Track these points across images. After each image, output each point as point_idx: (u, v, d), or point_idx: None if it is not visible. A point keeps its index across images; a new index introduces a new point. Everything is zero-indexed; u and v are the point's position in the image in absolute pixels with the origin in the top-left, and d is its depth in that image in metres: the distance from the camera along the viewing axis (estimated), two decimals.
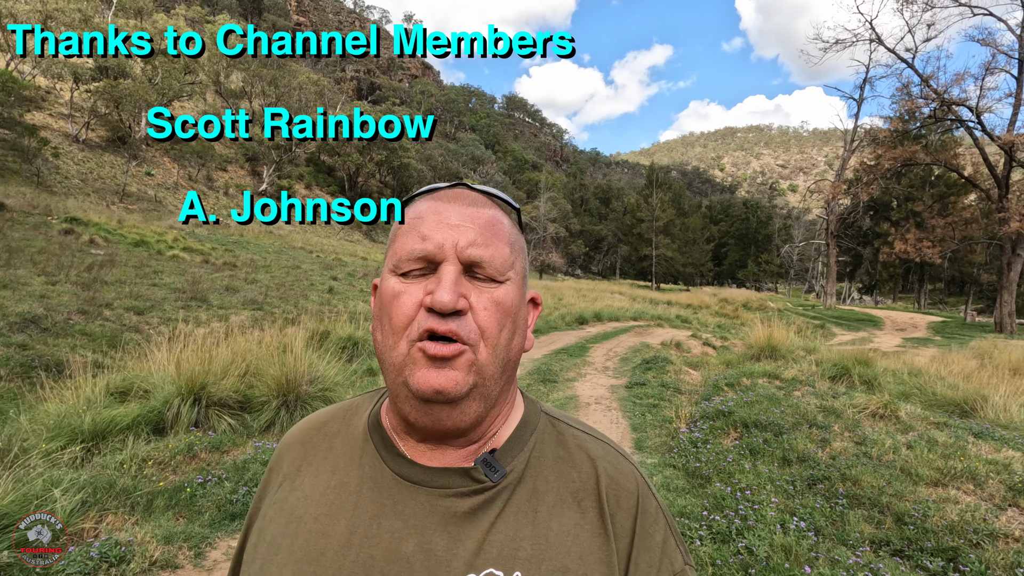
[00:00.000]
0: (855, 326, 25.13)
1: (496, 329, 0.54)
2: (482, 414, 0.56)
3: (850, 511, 2.77)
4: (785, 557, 2.36)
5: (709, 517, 2.83)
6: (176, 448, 3.18)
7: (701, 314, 22.72)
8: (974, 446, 3.38)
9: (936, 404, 5.62)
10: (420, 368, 0.52)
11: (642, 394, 6.21)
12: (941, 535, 2.44)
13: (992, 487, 2.81)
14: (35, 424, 3.47)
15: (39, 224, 17.49)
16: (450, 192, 0.59)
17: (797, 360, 6.73)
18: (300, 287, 15.31)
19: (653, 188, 59.19)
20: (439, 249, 0.53)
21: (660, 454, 4.20)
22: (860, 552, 2.39)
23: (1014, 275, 21.25)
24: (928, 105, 20.87)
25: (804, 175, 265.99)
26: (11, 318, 6.59)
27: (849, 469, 3.13)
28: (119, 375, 4.20)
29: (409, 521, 0.55)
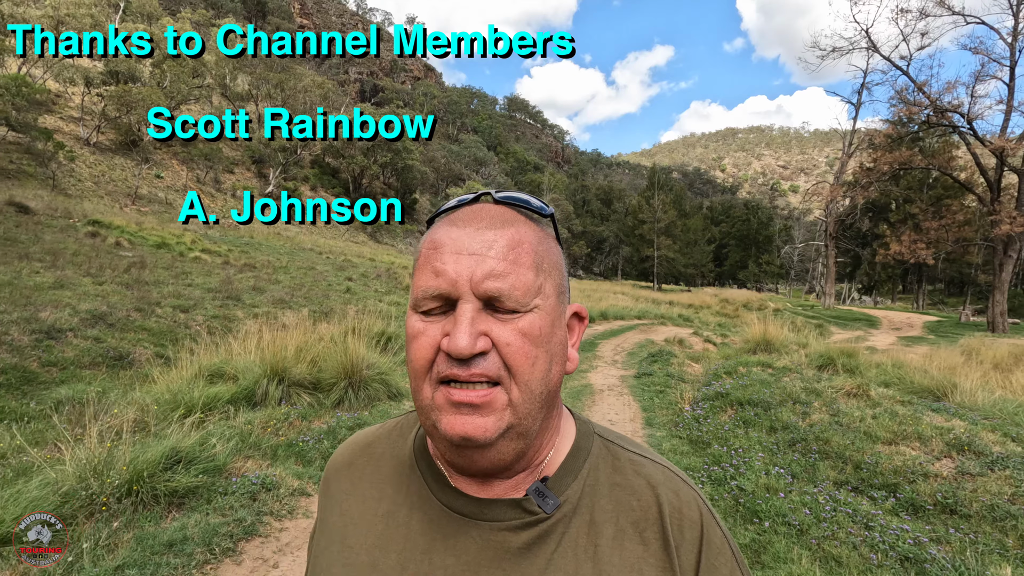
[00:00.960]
0: (852, 325, 25.83)
1: (527, 364, 0.50)
2: (522, 450, 0.53)
3: (820, 462, 3.50)
4: (766, 491, 3.09)
5: (709, 469, 3.57)
6: (277, 416, 3.92)
7: (702, 314, 23.46)
8: (928, 417, 4.12)
9: (913, 390, 6.34)
10: (447, 414, 0.49)
11: (649, 382, 6.94)
12: (887, 476, 3.18)
13: (934, 444, 3.53)
14: (153, 398, 4.21)
15: (66, 227, 18.22)
16: (469, 211, 0.55)
17: (789, 352, 7.47)
18: (320, 287, 16.05)
19: (654, 190, 59.92)
20: (453, 286, 0.50)
21: (667, 429, 4.93)
22: (823, 487, 3.13)
23: (1006, 276, 21.95)
24: (922, 112, 21.60)
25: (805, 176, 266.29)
26: (82, 315, 7.34)
27: (822, 433, 3.87)
28: (207, 361, 4.94)
29: (462, 558, 0.52)
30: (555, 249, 0.57)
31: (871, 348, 14.48)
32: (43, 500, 2.29)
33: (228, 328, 8.91)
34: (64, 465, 2.56)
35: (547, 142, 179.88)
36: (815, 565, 2.31)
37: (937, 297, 58.34)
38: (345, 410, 4.50)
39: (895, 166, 23.65)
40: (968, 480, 3.09)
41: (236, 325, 9.31)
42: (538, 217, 0.58)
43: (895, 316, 31.14)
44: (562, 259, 0.58)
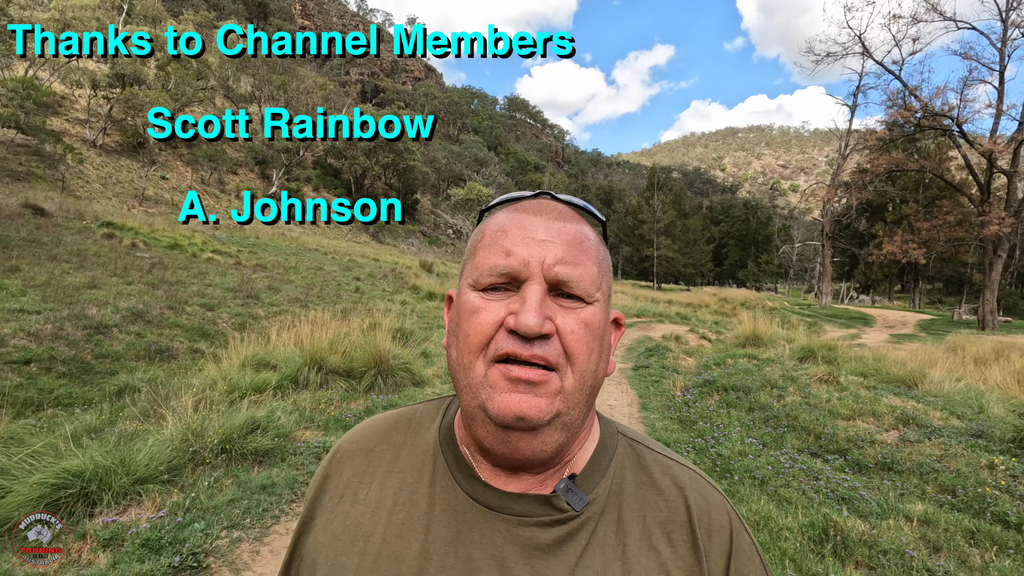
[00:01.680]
0: (847, 323, 26.44)
1: (586, 353, 0.50)
2: (563, 443, 0.52)
3: (788, 434, 4.12)
4: (739, 456, 3.70)
5: (693, 441, 4.18)
6: (321, 398, 4.54)
7: (700, 312, 24.04)
8: (887, 399, 4.73)
9: (887, 380, 6.95)
10: (500, 392, 0.48)
11: (646, 374, 7.55)
12: (841, 443, 3.79)
13: (885, 420, 4.14)
14: (210, 383, 4.83)
15: (82, 229, 18.81)
16: (534, 203, 0.56)
17: (775, 346, 8.08)
18: (331, 287, 16.66)
19: (654, 190, 60.53)
20: (524, 266, 0.50)
21: (660, 412, 5.54)
22: (787, 452, 3.74)
23: (995, 275, 22.53)
24: (914, 115, 22.20)
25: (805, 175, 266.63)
26: (123, 312, 7.95)
27: (793, 412, 4.49)
28: (251, 352, 5.55)
29: (488, 551, 0.51)
30: (608, 254, 0.58)
31: (861, 345, 15.10)
32: (160, 453, 2.91)
33: (251, 325, 9.52)
34: (168, 430, 3.18)
35: (547, 142, 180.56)
36: (770, 503, 2.91)
37: (935, 296, 58.99)
38: (376, 394, 5.11)
39: (888, 168, 24.26)
40: (907, 446, 3.71)
41: (258, 323, 9.93)
42: (595, 221, 0.59)
43: (890, 315, 31.76)
44: (611, 266, 0.59)
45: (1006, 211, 21.48)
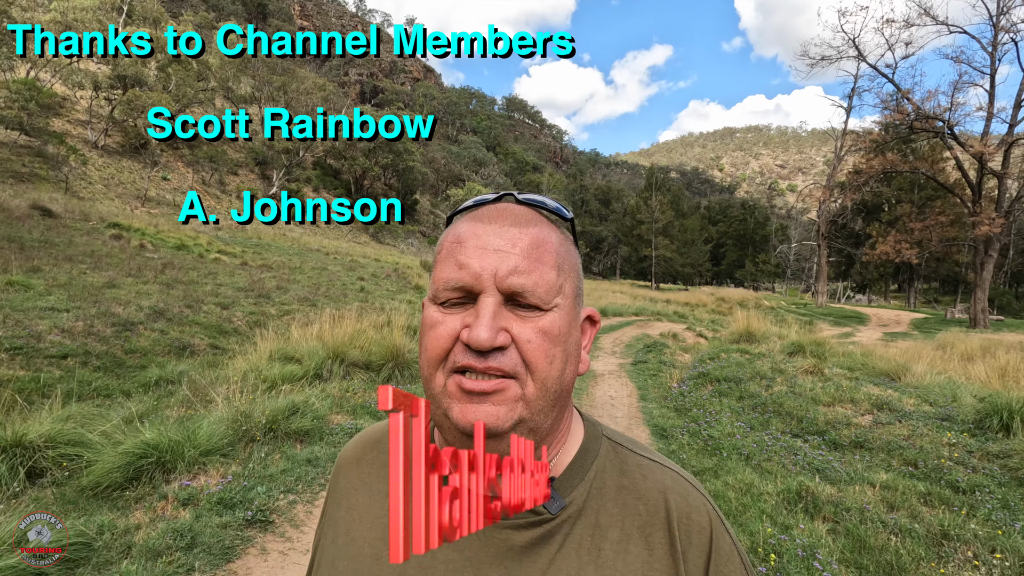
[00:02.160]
0: (842, 322, 26.89)
1: (545, 361, 0.51)
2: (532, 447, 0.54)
3: (773, 418, 4.53)
4: (728, 436, 4.11)
5: (688, 425, 4.59)
6: (347, 388, 4.94)
7: (697, 311, 24.48)
8: (866, 388, 5.14)
9: (873, 373, 7.37)
10: (458, 402, 0.50)
11: (644, 368, 7.96)
12: (820, 425, 4.21)
13: (863, 405, 4.56)
14: (236, 373, 5.21)
15: (90, 230, 19.13)
16: (493, 209, 0.56)
17: (768, 341, 8.50)
18: (336, 287, 17.04)
19: (652, 190, 60.96)
20: (476, 280, 0.50)
21: (658, 402, 5.95)
22: (771, 433, 4.15)
23: (986, 274, 22.99)
24: (907, 118, 22.66)
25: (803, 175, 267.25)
26: (146, 310, 8.34)
27: (779, 399, 4.90)
28: (275, 347, 5.94)
29: (464, 553, 0.53)
30: (574, 253, 0.58)
31: (854, 343, 15.54)
32: (217, 431, 3.30)
33: (265, 323, 9.90)
34: (220, 412, 3.58)
35: (546, 142, 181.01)
36: (753, 474, 3.31)
37: (931, 296, 59.55)
38: (395, 383, 5.51)
39: (878, 170, 24.72)
40: (879, 427, 4.11)
41: (271, 321, 10.30)
42: (558, 220, 0.59)
43: (884, 314, 32.23)
44: (579, 263, 0.59)
45: (996, 212, 21.95)
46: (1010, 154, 22.23)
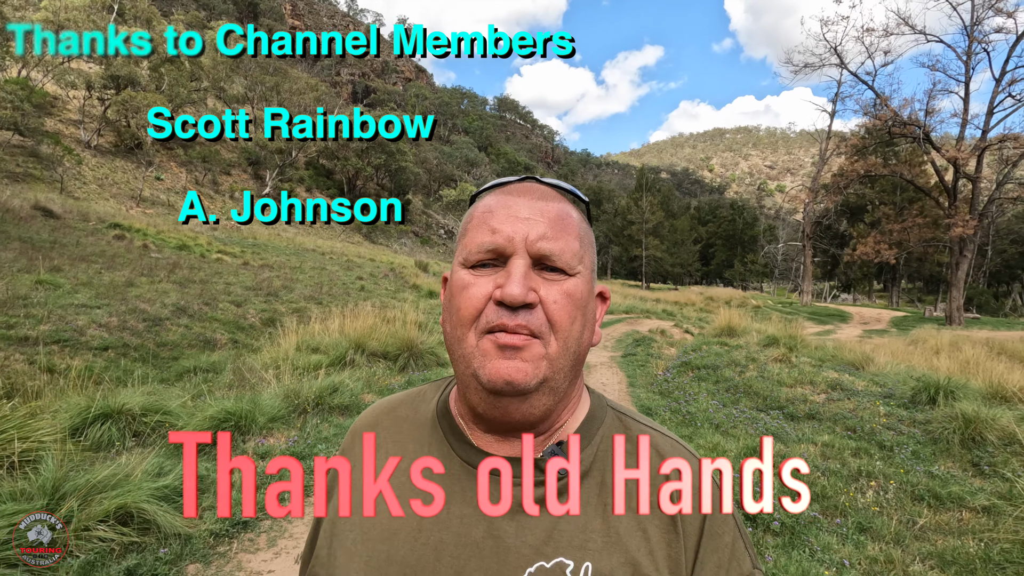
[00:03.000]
0: (824, 320, 27.84)
1: (568, 321, 0.54)
2: (551, 407, 0.57)
3: (743, 397, 5.25)
4: (703, 411, 4.82)
5: (670, 404, 5.29)
6: (371, 373, 5.60)
7: (686, 310, 25.28)
8: (825, 373, 5.88)
9: (841, 362, 8.13)
10: (491, 359, 0.53)
11: (633, 360, 8.67)
12: (781, 402, 4.93)
13: (820, 386, 5.29)
14: (265, 361, 5.84)
15: (93, 231, 19.51)
16: (519, 186, 0.60)
17: (747, 335, 9.24)
18: (338, 286, 17.62)
19: (643, 191, 61.86)
20: (509, 242, 0.54)
21: (645, 387, 6.65)
22: (739, 408, 4.87)
23: (961, 274, 23.99)
24: (885, 123, 23.60)
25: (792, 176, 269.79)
26: (169, 307, 8.92)
27: (750, 382, 5.62)
28: (298, 339, 6.57)
29: (477, 508, 0.56)
30: (591, 232, 0.63)
31: (834, 339, 16.38)
32: (275, 404, 3.95)
33: (277, 320, 10.49)
34: (273, 389, 4.23)
35: (537, 142, 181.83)
36: (720, 436, 4.02)
37: (915, 295, 60.98)
38: (412, 371, 6.18)
39: (858, 174, 25.67)
40: (831, 403, 4.84)
41: (282, 318, 10.90)
42: (577, 201, 0.64)
43: (867, 312, 33.27)
44: (595, 242, 0.64)
45: (970, 214, 22.93)
46: (983, 159, 23.24)
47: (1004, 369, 6.55)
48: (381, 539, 0.58)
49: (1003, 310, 42.89)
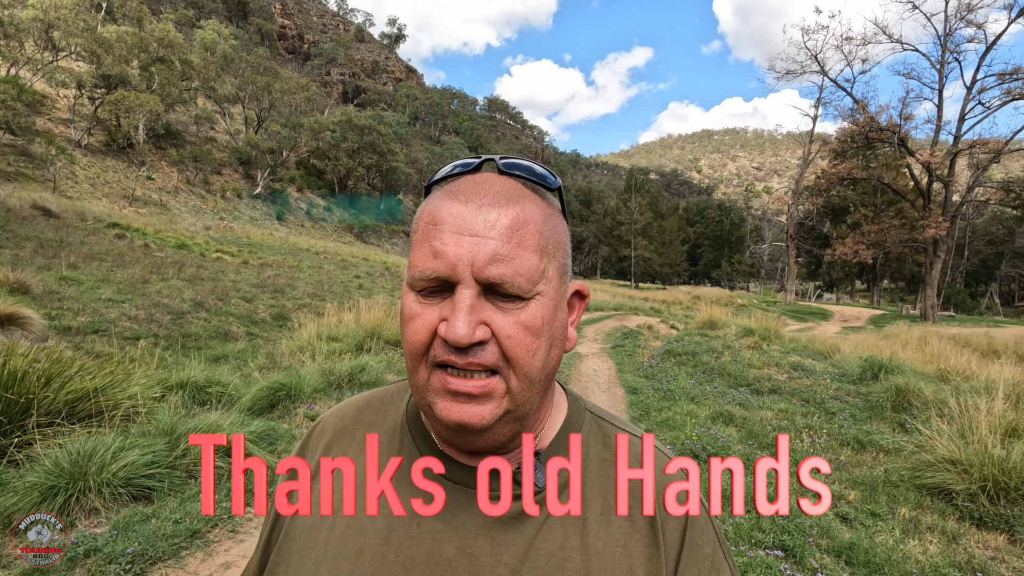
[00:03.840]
0: (806, 318, 28.86)
1: (527, 356, 0.50)
2: (518, 431, 0.54)
3: (717, 377, 5.99)
4: (682, 388, 5.55)
5: (654, 385, 6.01)
6: (389, 358, 6.27)
7: (672, 308, 26.16)
8: (790, 357, 6.64)
9: (810, 351, 8.92)
10: (442, 399, 0.49)
11: (621, 350, 9.39)
12: (749, 380, 5.67)
13: (783, 368, 6.04)
14: (291, 347, 6.48)
15: (95, 231, 19.89)
16: (471, 182, 0.53)
17: (726, 328, 10.02)
18: (337, 284, 18.20)
19: (632, 192, 62.83)
20: (452, 271, 0.48)
21: (632, 372, 7.37)
22: (713, 385, 5.61)
23: (935, 273, 25.07)
24: (863, 129, 24.63)
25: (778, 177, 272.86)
26: (188, 303, 9.50)
27: (723, 365, 6.36)
28: (316, 330, 7.21)
29: (450, 523, 0.53)
30: (560, 226, 0.56)
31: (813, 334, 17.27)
32: (315, 378, 4.61)
33: (286, 315, 11.08)
34: (309, 368, 4.89)
35: (527, 143, 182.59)
36: (694, 405, 4.75)
37: (897, 294, 62.55)
38: None
39: (837, 178, 26.70)
40: (791, 381, 5.60)
41: (291, 313, 11.49)
42: (543, 190, 0.56)
43: (847, 310, 34.38)
44: (567, 236, 0.57)
45: (943, 216, 24.00)
46: (955, 163, 24.32)
47: (954, 357, 7.38)
48: (346, 557, 0.54)
49: (979, 308, 44.35)
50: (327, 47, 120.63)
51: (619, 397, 5.68)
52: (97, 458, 2.47)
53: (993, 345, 13.24)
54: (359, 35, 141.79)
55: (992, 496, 2.62)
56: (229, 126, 59.18)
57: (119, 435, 2.72)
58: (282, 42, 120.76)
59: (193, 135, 55.75)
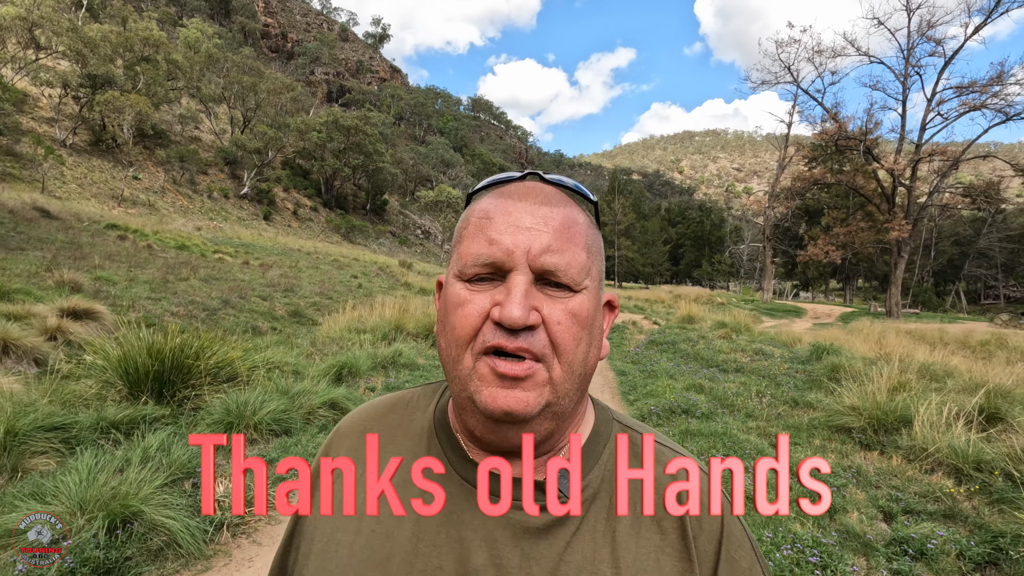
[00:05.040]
0: (781, 315, 30.42)
1: (572, 344, 0.50)
2: (554, 430, 0.53)
3: (692, 361, 7.16)
4: (662, 369, 6.69)
5: (639, 367, 7.15)
6: (418, 347, 7.31)
7: (655, 306, 27.51)
8: (754, 344, 7.82)
9: (776, 342, 10.14)
10: (488, 386, 0.49)
11: (610, 342, 10.51)
12: (718, 362, 6.84)
13: (747, 353, 7.21)
14: (324, 336, 7.46)
15: (98, 232, 20.44)
16: (521, 187, 0.55)
17: (703, 321, 11.23)
18: (338, 283, 19.08)
19: (615, 194, 64.25)
20: (508, 256, 0.50)
21: (621, 359, 8.50)
22: (688, 367, 6.77)
23: (899, 273, 26.73)
24: (832, 137, 26.20)
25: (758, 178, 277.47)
26: (215, 301, 10.39)
27: (697, 352, 7.52)
28: (344, 323, 8.20)
29: (479, 532, 0.53)
30: (599, 236, 0.58)
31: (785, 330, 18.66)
32: (363, 360, 5.63)
33: (300, 312, 11.99)
34: (358, 351, 5.92)
35: (511, 143, 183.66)
36: (670, 380, 5.87)
37: (871, 293, 64.95)
38: None
39: (812, 181, 28.26)
40: (753, 362, 6.77)
41: (305, 310, 12.40)
42: (585, 203, 0.58)
43: (820, 308, 36.11)
44: (603, 247, 0.59)
45: (906, 219, 25.64)
46: (917, 169, 25.99)
47: (900, 346, 8.66)
48: (373, 563, 0.53)
49: (943, 306, 46.59)
50: (311, 46, 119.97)
51: (611, 378, 6.77)
52: (250, 406, 3.50)
53: (944, 338, 14.63)
54: (343, 34, 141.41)
55: (875, 429, 3.78)
56: (214, 125, 59.00)
57: (253, 392, 3.75)
58: (265, 41, 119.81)
59: (178, 134, 55.45)
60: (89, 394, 3.40)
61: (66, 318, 6.13)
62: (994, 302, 52.22)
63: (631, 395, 5.62)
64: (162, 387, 3.43)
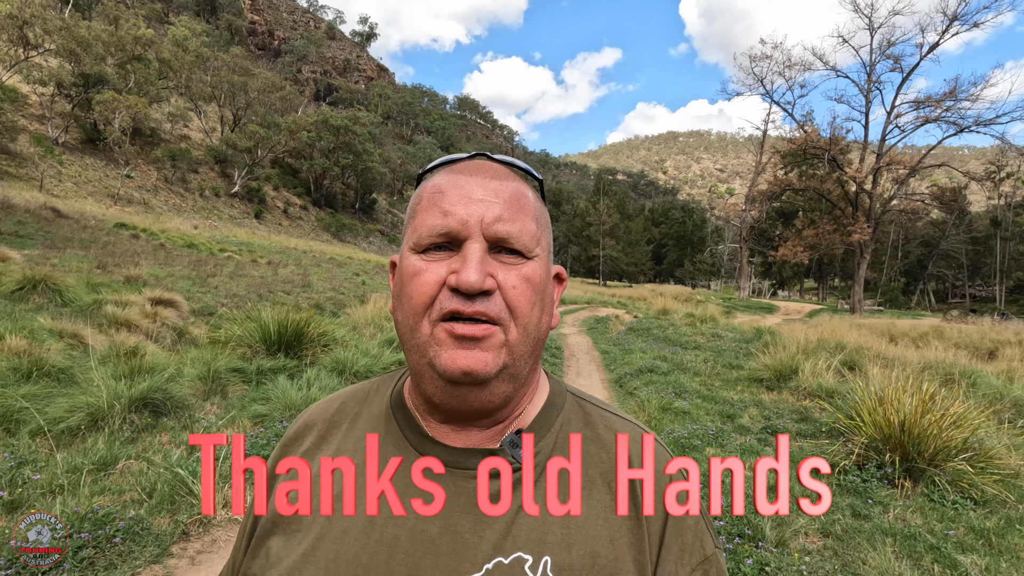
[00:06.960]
0: (755, 311, 32.50)
1: (528, 307, 0.52)
2: (510, 394, 0.55)
3: (662, 341, 8.86)
4: (637, 348, 8.37)
5: (619, 348, 8.83)
6: None
7: (637, 302, 29.38)
8: (704, 327, 9.55)
9: (731, 328, 11.90)
10: (447, 349, 0.51)
11: (596, 331, 12.19)
12: (682, 342, 8.55)
13: (706, 335, 8.93)
14: (359, 322, 8.99)
15: (110, 231, 21.53)
16: (470, 164, 0.57)
17: (677, 314, 12.98)
18: (343, 280, 20.48)
19: (600, 195, 66.02)
20: (463, 225, 0.52)
21: (605, 343, 10.16)
22: (658, 345, 8.47)
23: (862, 272, 28.88)
24: (800, 147, 28.27)
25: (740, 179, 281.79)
26: (252, 295, 11.82)
27: (666, 335, 9.23)
28: (368, 314, 9.73)
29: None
30: (546, 212, 0.61)
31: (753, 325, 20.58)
32: (378, 345, 7.20)
33: (321, 304, 13.44)
34: (386, 336, 7.50)
35: (497, 142, 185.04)
36: (642, 354, 7.53)
37: (845, 292, 67.73)
38: None
39: (782, 187, 30.31)
40: (709, 342, 8.50)
41: (325, 304, 13.84)
42: (532, 180, 0.62)
43: (792, 306, 38.35)
44: (550, 222, 0.62)
45: (867, 223, 27.77)
46: (878, 177, 28.14)
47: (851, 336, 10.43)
48: (331, 538, 0.55)
49: (909, 304, 49.22)
50: (298, 44, 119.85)
51: (596, 357, 8.41)
52: (348, 362, 5.09)
53: (891, 331, 16.54)
54: (330, 33, 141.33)
55: (777, 378, 5.50)
56: (204, 124, 59.39)
57: (348, 351, 5.33)
58: (252, 38, 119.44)
59: (168, 133, 55.76)
60: (237, 353, 4.92)
61: (156, 306, 7.58)
62: (960, 300, 55.09)
63: (612, 365, 7.27)
64: (288, 348, 4.96)
